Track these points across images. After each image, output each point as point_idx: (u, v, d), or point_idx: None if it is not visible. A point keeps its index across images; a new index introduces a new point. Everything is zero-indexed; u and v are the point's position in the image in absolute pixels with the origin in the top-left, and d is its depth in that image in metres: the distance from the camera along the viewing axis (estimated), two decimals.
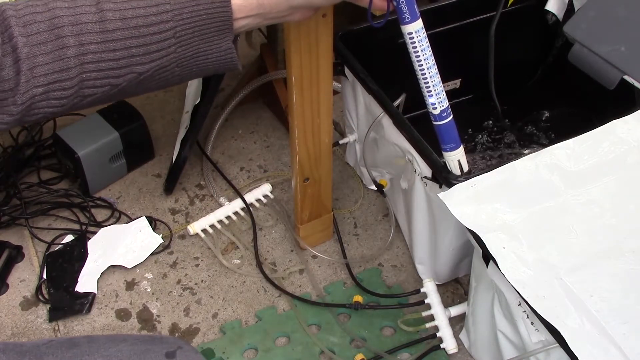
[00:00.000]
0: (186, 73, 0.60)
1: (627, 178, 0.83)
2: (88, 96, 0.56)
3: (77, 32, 0.53)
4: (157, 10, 0.56)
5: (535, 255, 0.75)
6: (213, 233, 1.20)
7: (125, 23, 0.55)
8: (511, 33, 1.18)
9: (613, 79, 0.99)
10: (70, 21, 0.53)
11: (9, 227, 1.21)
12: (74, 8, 0.54)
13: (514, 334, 0.84)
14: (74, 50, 0.53)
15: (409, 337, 1.04)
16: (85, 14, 0.54)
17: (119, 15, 0.55)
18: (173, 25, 0.57)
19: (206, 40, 0.59)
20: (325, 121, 0.96)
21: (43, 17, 0.53)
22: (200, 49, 0.59)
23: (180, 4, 0.57)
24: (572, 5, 1.12)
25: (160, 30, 0.56)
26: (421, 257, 1.10)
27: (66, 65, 0.53)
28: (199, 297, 1.11)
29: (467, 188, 0.81)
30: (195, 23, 0.57)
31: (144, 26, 0.55)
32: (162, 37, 0.56)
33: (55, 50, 0.53)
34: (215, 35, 0.59)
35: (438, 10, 1.15)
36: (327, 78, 0.89)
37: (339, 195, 1.28)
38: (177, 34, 0.57)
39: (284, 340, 1.05)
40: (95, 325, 1.07)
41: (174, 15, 0.57)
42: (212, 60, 0.60)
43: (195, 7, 0.57)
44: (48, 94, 0.53)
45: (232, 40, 0.60)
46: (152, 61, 0.57)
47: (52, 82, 0.53)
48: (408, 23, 0.66)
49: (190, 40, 0.58)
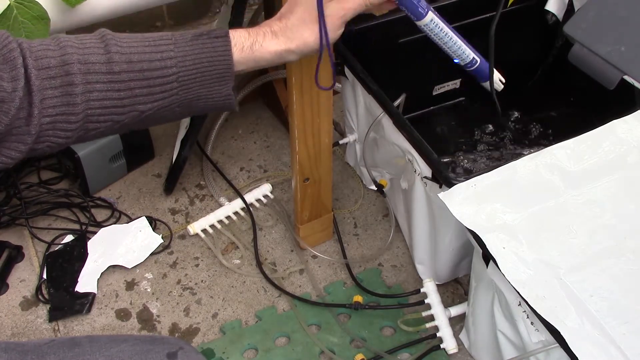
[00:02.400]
0: (186, 112, 0.64)
1: (627, 178, 0.83)
2: (92, 130, 0.60)
3: (84, 70, 0.57)
4: (161, 56, 0.59)
5: (535, 255, 0.75)
6: (213, 233, 1.20)
7: (131, 66, 0.58)
8: (511, 33, 1.18)
9: (613, 79, 0.99)
10: (79, 60, 0.57)
11: (9, 227, 1.21)
12: (83, 48, 0.58)
13: (514, 334, 0.84)
14: (81, 88, 0.57)
15: (409, 337, 1.04)
16: (94, 55, 0.58)
17: (125, 59, 0.58)
18: (176, 70, 0.60)
19: (207, 85, 0.62)
20: (325, 121, 0.96)
21: (55, 54, 0.56)
22: (201, 93, 0.62)
23: (184, 51, 0.60)
24: (572, 5, 1.12)
25: (164, 74, 0.59)
26: (421, 257, 1.10)
27: (73, 100, 0.56)
28: (199, 297, 1.11)
29: (467, 188, 0.81)
30: (197, 70, 0.61)
31: (148, 70, 0.59)
32: (165, 81, 0.60)
33: (63, 86, 0.56)
34: (216, 82, 0.62)
35: (438, 10, 1.14)
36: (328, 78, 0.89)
37: (339, 195, 1.28)
38: (180, 79, 0.60)
39: (284, 340, 1.05)
40: (95, 325, 1.07)
41: (178, 62, 0.60)
42: (211, 103, 0.63)
43: (199, 55, 0.61)
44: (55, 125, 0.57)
45: (231, 87, 0.63)
46: (155, 101, 0.60)
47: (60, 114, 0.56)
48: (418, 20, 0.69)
49: (192, 85, 0.61)
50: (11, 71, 0.54)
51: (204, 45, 0.61)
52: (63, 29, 0.91)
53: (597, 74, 1.02)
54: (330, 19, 0.64)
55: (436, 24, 0.69)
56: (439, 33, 0.70)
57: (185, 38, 0.61)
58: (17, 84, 0.54)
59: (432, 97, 1.29)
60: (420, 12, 0.68)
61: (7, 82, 0.54)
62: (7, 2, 0.80)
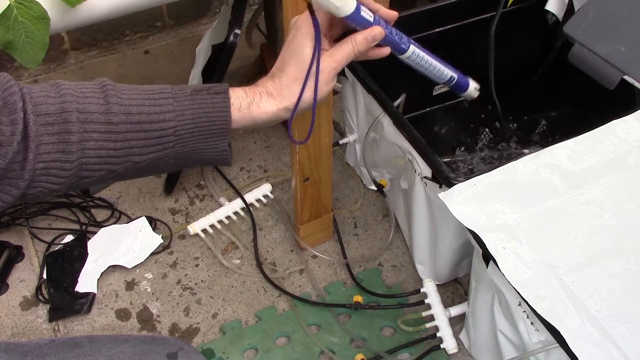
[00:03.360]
0: (180, 164, 0.64)
1: (627, 178, 0.83)
2: (85, 177, 0.60)
3: (82, 119, 0.57)
4: (160, 109, 0.60)
5: (535, 255, 0.75)
6: (213, 233, 1.20)
7: (129, 118, 0.59)
8: (511, 33, 1.18)
9: (613, 79, 0.99)
10: (77, 108, 0.57)
11: (9, 227, 1.21)
12: (83, 97, 0.58)
13: (514, 334, 0.84)
14: (78, 137, 0.57)
15: (409, 337, 1.04)
16: (93, 104, 0.58)
17: (124, 110, 0.58)
18: (174, 124, 0.60)
19: (204, 140, 0.62)
20: (325, 121, 0.96)
21: (54, 101, 0.57)
22: (198, 147, 0.62)
23: (182, 105, 0.61)
24: (572, 5, 1.12)
25: (161, 127, 0.60)
26: (421, 257, 1.10)
27: (68, 148, 0.56)
28: (199, 297, 1.11)
29: (467, 188, 0.81)
30: (195, 124, 0.61)
31: (146, 122, 0.59)
32: (162, 134, 0.60)
33: (60, 133, 0.56)
34: (212, 138, 0.62)
35: (438, 10, 1.15)
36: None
37: (339, 195, 1.28)
38: (177, 133, 0.60)
39: (284, 340, 1.05)
40: (95, 325, 1.07)
41: (176, 115, 0.60)
42: (207, 157, 0.64)
43: (197, 110, 0.61)
44: (48, 171, 0.57)
45: (227, 143, 0.64)
46: (150, 153, 0.60)
47: (54, 160, 0.56)
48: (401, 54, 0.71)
49: (189, 139, 0.61)
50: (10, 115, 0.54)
51: (204, 100, 0.61)
52: (63, 28, 0.91)
53: (597, 74, 1.02)
54: (323, 74, 0.65)
55: (417, 55, 0.72)
56: (420, 62, 0.73)
57: (185, 92, 0.61)
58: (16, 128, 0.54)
59: (432, 97, 1.29)
60: (402, 47, 0.70)
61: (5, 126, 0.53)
62: (7, 2, 0.80)
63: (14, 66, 1.54)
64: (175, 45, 1.66)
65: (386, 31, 0.66)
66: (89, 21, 0.92)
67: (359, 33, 0.65)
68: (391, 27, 0.68)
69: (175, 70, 1.58)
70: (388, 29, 0.67)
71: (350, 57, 0.66)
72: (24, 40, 0.83)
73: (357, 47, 0.65)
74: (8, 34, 0.82)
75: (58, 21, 0.87)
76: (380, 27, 0.65)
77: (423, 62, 0.73)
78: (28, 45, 0.84)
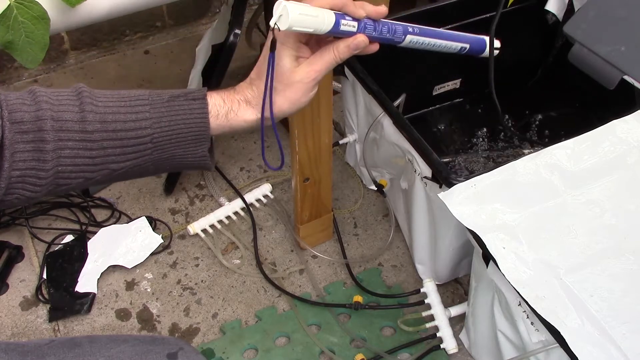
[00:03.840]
0: (160, 169, 0.63)
1: (627, 178, 0.83)
2: (62, 185, 0.59)
3: (57, 128, 0.56)
4: (136, 117, 0.59)
5: (535, 255, 0.75)
6: (213, 233, 1.20)
7: (105, 126, 0.58)
8: (511, 33, 1.18)
9: (613, 79, 0.99)
10: (52, 116, 0.56)
11: (9, 227, 1.21)
12: (58, 105, 0.57)
13: (514, 334, 0.84)
14: (53, 145, 0.56)
15: (409, 337, 1.04)
16: (68, 112, 0.57)
17: (99, 118, 0.58)
18: (151, 132, 0.59)
19: (182, 146, 0.61)
20: (325, 121, 0.96)
21: (29, 109, 0.56)
22: (176, 153, 0.61)
23: (159, 112, 0.59)
24: (572, 5, 1.12)
25: (138, 135, 0.59)
26: (421, 257, 1.10)
27: (43, 157, 0.56)
28: (199, 297, 1.11)
29: (467, 188, 0.81)
30: (173, 131, 0.60)
31: (122, 130, 0.58)
32: (139, 142, 0.59)
33: (35, 141, 0.56)
34: (191, 144, 0.61)
35: (438, 10, 1.15)
36: (327, 78, 0.89)
37: (339, 195, 1.28)
38: (154, 140, 0.59)
39: (284, 340, 1.05)
40: (95, 325, 1.07)
41: (153, 123, 0.59)
42: (186, 162, 0.63)
43: (175, 117, 0.60)
44: (24, 179, 0.56)
45: (207, 148, 0.62)
46: (128, 161, 0.59)
47: (29, 168, 0.56)
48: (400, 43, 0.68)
49: (167, 145, 0.60)
50: None
51: (181, 106, 0.60)
52: (63, 28, 0.91)
53: (597, 74, 1.02)
54: (301, 85, 0.62)
55: (415, 41, 0.68)
56: (421, 46, 0.70)
57: (162, 99, 0.60)
58: None
59: (432, 97, 1.29)
60: (397, 41, 0.67)
61: None
62: (7, 2, 0.80)
63: (14, 66, 1.54)
64: (175, 45, 1.66)
65: (375, 34, 0.63)
66: (89, 21, 0.92)
67: (342, 41, 0.62)
68: (382, 25, 0.64)
69: (175, 70, 1.58)
70: (378, 28, 0.64)
71: (331, 65, 0.63)
72: (24, 40, 0.83)
73: (340, 55, 0.62)
74: (8, 34, 0.82)
75: (58, 21, 0.87)
76: (363, 35, 0.62)
77: (424, 44, 0.70)
78: (28, 45, 0.84)
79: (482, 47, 0.77)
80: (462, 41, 0.73)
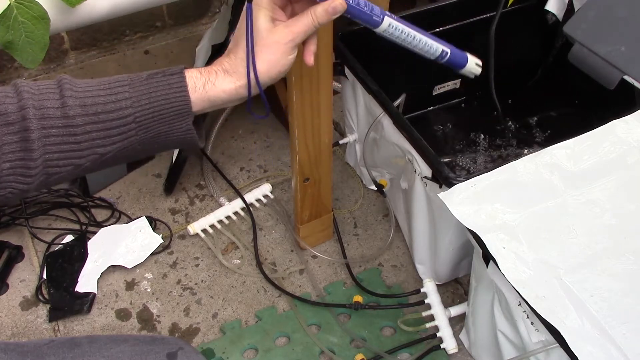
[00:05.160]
0: (149, 150, 0.63)
1: (627, 178, 0.83)
2: (54, 174, 0.59)
3: (39, 116, 0.57)
4: (116, 97, 0.59)
5: (535, 255, 0.75)
6: (213, 233, 1.20)
7: (85, 110, 0.58)
8: (511, 33, 1.18)
9: (613, 79, 0.99)
10: (33, 105, 0.57)
11: (9, 227, 1.21)
12: (39, 94, 0.58)
13: (514, 334, 0.84)
14: (37, 134, 0.57)
15: (409, 337, 1.04)
16: (48, 100, 0.58)
17: (79, 102, 0.58)
18: (132, 111, 0.59)
19: (166, 122, 0.61)
20: (325, 121, 0.96)
21: (13, 100, 0.57)
22: (161, 130, 0.61)
23: (139, 90, 0.60)
24: (572, 5, 1.12)
25: (119, 116, 0.59)
26: (421, 257, 1.10)
27: (30, 146, 0.57)
28: (199, 297, 1.11)
29: (467, 188, 0.81)
30: (154, 109, 0.60)
31: (103, 112, 0.58)
32: (122, 123, 0.59)
33: (21, 132, 0.56)
34: (174, 119, 0.61)
35: (438, 10, 1.15)
36: (327, 78, 0.89)
37: (339, 195, 1.28)
38: (137, 119, 0.59)
39: (284, 340, 1.05)
40: (95, 325, 1.07)
41: (133, 102, 0.59)
42: (173, 139, 0.62)
43: (154, 94, 0.60)
44: (15, 170, 0.57)
45: (191, 122, 0.62)
46: (114, 144, 0.60)
47: (18, 159, 0.57)
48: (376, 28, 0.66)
49: (150, 123, 0.60)
50: None
51: (159, 82, 0.60)
52: (63, 28, 0.91)
53: (597, 74, 1.02)
54: (278, 45, 0.61)
55: (396, 27, 0.66)
56: (401, 35, 0.67)
57: (141, 77, 0.61)
58: None
59: (432, 97, 1.29)
60: (376, 20, 0.65)
61: None
62: (7, 2, 0.80)
63: (14, 66, 1.54)
64: (175, 45, 1.66)
65: (352, 2, 0.62)
66: (89, 21, 0.92)
67: (320, 5, 0.61)
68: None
69: None
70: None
71: (309, 29, 0.62)
72: (24, 40, 0.83)
73: (317, 19, 0.62)
74: (8, 34, 0.82)
75: (58, 21, 0.87)
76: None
77: (404, 35, 0.68)
78: (28, 45, 0.84)
79: (463, 60, 0.75)
80: (443, 44, 0.71)
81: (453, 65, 0.75)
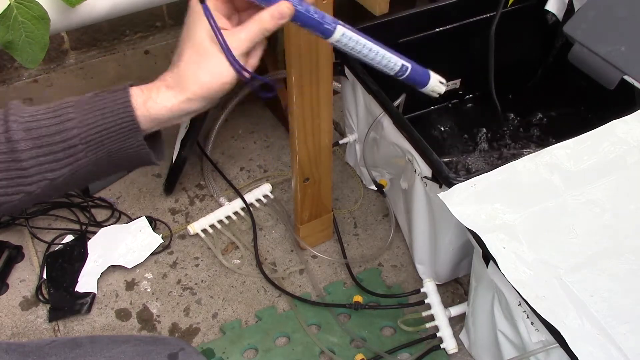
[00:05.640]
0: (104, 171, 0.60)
1: (627, 178, 0.83)
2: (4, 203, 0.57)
3: None
4: (59, 120, 0.57)
5: (535, 255, 0.75)
6: (213, 233, 1.20)
7: (29, 134, 0.56)
8: (511, 33, 1.18)
9: (613, 79, 1.00)
10: None
11: (9, 227, 1.21)
12: None
13: (514, 334, 0.84)
14: None
15: (409, 337, 1.04)
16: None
17: (23, 127, 0.56)
18: (78, 132, 0.57)
19: (115, 140, 0.58)
20: (325, 121, 0.96)
21: None
22: (112, 148, 0.58)
23: (84, 110, 0.57)
24: (572, 5, 1.12)
25: (65, 138, 0.56)
26: (421, 257, 1.10)
27: None
28: (199, 297, 1.11)
29: (467, 188, 0.81)
30: (99, 126, 0.57)
31: (47, 136, 0.56)
32: (68, 145, 0.57)
33: None
34: (123, 135, 0.58)
35: (438, 10, 1.15)
36: (327, 78, 0.89)
37: (339, 195, 1.28)
38: (84, 140, 0.57)
39: (284, 340, 1.05)
40: (95, 325, 1.07)
41: (78, 122, 0.57)
42: (125, 157, 0.60)
43: (99, 112, 0.57)
44: None
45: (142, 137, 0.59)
46: (63, 167, 0.57)
47: None
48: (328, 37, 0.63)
49: (98, 143, 0.58)
50: None
51: (103, 99, 0.58)
52: (63, 28, 0.91)
53: (597, 74, 1.02)
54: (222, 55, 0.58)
55: (350, 38, 0.63)
56: (356, 47, 0.64)
57: (86, 98, 0.58)
58: None
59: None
60: (327, 28, 0.61)
61: None
62: (7, 2, 0.80)
63: (14, 66, 1.54)
64: (175, 45, 1.66)
65: (300, 8, 0.59)
66: (89, 21, 0.92)
67: (265, 10, 0.58)
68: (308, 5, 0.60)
69: None
70: (303, 5, 0.59)
71: (256, 37, 0.59)
72: (24, 40, 0.83)
73: (264, 25, 0.58)
74: (8, 34, 0.82)
75: (58, 21, 0.87)
76: (287, 2, 0.58)
77: (359, 46, 0.64)
78: (28, 45, 0.84)
79: (425, 78, 0.71)
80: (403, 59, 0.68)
81: (414, 82, 0.71)
